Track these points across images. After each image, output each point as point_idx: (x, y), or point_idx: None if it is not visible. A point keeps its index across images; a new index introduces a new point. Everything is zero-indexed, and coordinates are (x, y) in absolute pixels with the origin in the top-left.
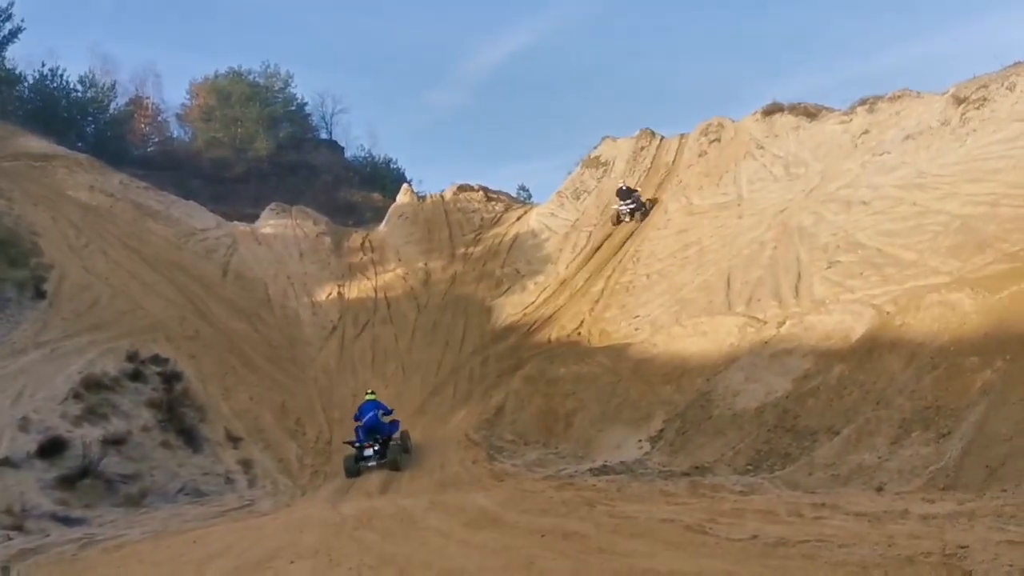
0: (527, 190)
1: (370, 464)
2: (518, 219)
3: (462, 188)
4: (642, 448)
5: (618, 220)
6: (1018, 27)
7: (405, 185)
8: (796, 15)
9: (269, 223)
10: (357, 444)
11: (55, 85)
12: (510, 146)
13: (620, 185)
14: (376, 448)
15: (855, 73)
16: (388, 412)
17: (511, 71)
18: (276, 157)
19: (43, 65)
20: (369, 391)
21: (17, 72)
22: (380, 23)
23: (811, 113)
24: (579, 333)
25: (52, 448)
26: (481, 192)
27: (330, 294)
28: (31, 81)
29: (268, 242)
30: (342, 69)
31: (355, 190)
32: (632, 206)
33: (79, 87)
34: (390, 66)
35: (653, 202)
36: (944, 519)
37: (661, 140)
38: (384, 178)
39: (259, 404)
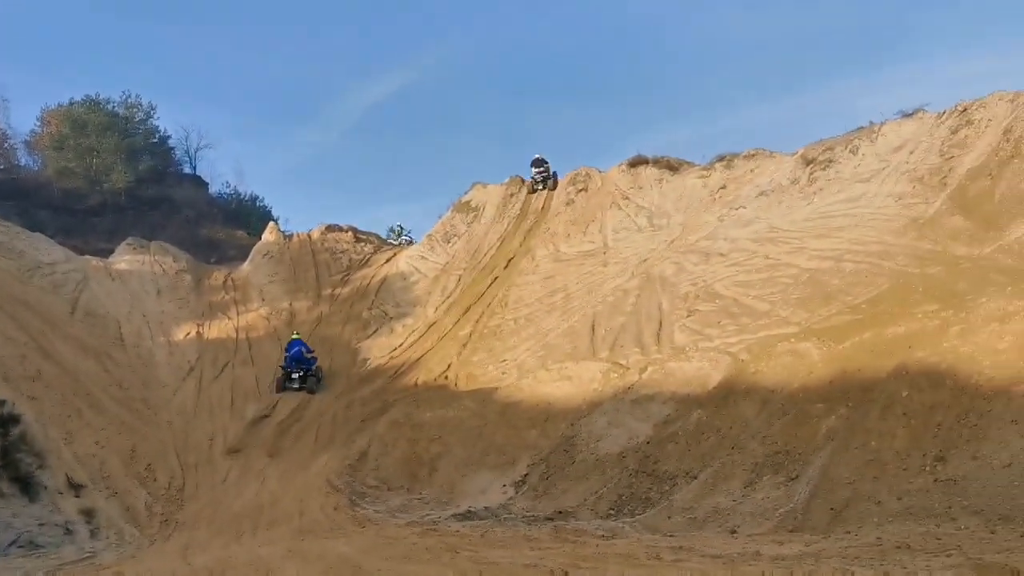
0: (397, 232)
1: (294, 387)
2: (387, 261)
3: (331, 228)
4: (506, 493)
5: (532, 189)
6: (861, 94)
7: (271, 223)
8: (661, 70)
9: (125, 258)
10: (285, 369)
11: None
12: (381, 188)
13: (535, 155)
14: (300, 375)
15: (716, 129)
16: (310, 350)
17: (383, 113)
18: (135, 190)
19: None
20: (295, 332)
21: None
22: (248, 59)
23: (673, 167)
24: (446, 377)
25: None
26: (350, 233)
27: (188, 334)
28: None
29: (123, 278)
30: (209, 103)
31: (219, 227)
32: (544, 175)
33: None
34: (259, 103)
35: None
36: (793, 560)
37: None
38: (250, 216)
39: (106, 449)
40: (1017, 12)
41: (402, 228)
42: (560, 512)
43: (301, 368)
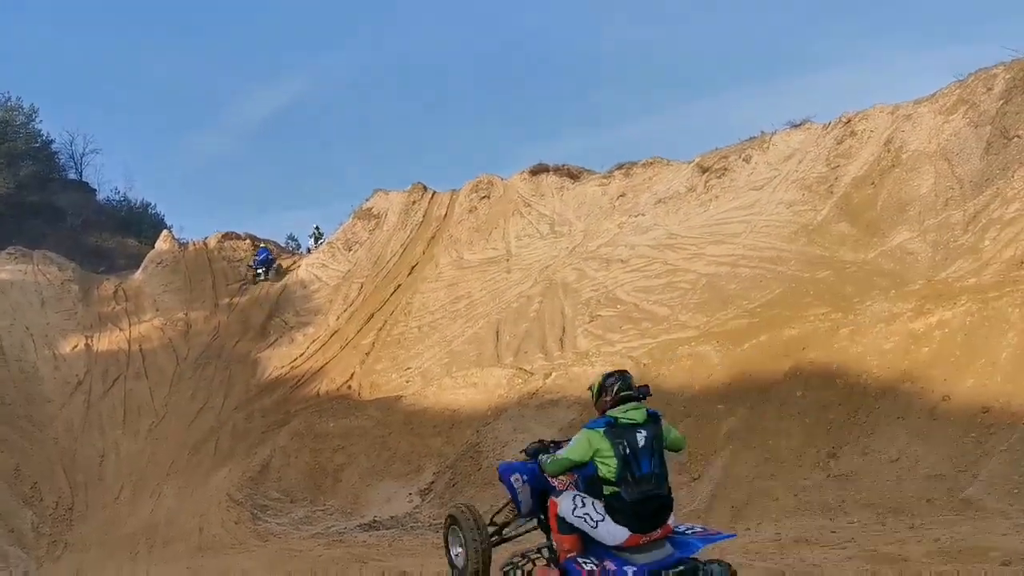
0: (296, 240)
1: (260, 280)
2: (287, 269)
3: (228, 236)
4: (412, 502)
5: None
6: (752, 103)
7: (165, 231)
8: (555, 85)
9: (5, 268)
10: (254, 267)
11: None
12: (279, 195)
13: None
14: (266, 272)
15: (611, 139)
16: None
17: (280, 121)
18: (15, 197)
19: None
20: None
21: None
22: (137, 62)
23: (574, 175)
24: (349, 386)
25: None
26: (248, 240)
27: (76, 346)
28: None
29: (3, 289)
30: (95, 107)
31: (108, 235)
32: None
33: None
34: (149, 107)
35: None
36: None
37: (433, 195)
38: (141, 223)
39: None
40: (897, 26)
41: (319, 230)
42: None
43: (264, 267)
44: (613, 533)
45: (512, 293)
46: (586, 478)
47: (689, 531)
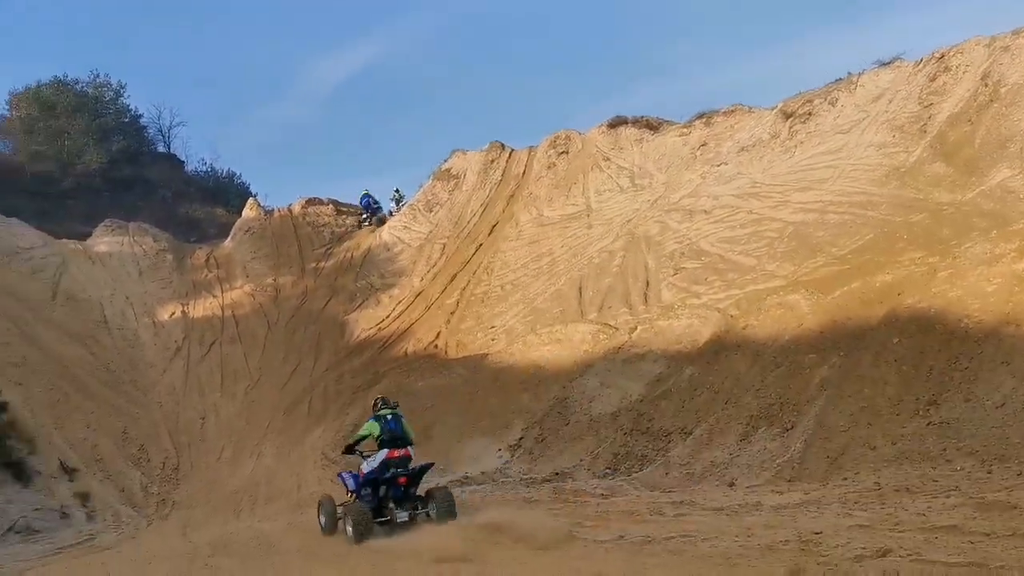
0: (397, 197)
1: (364, 224)
2: (370, 232)
3: (311, 202)
4: (502, 457)
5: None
6: (837, 48)
7: (251, 199)
8: (631, 36)
9: (104, 240)
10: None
11: None
12: (359, 160)
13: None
14: (369, 217)
15: (691, 89)
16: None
17: (356, 86)
18: (109, 172)
19: None
20: (365, 190)
21: None
22: (216, 35)
23: (653, 126)
24: (436, 345)
25: None
26: (331, 206)
27: (173, 313)
28: None
29: (103, 261)
30: (179, 81)
31: (197, 205)
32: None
33: None
34: (229, 79)
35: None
36: (795, 508)
37: (511, 153)
38: (228, 192)
39: (97, 432)
40: None
41: (400, 193)
42: (557, 473)
43: (369, 212)
44: (382, 453)
45: (594, 248)
46: (378, 434)
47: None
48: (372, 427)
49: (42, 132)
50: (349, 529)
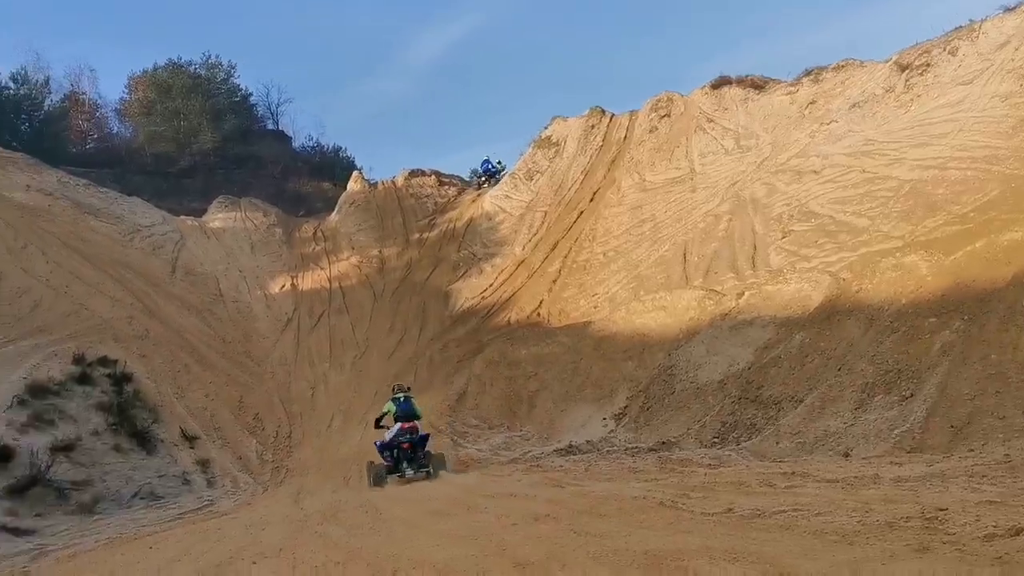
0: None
1: (483, 187)
2: (472, 202)
3: (414, 173)
4: (607, 426)
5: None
6: None
7: (356, 172)
8: None
9: (217, 216)
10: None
11: None
12: (460, 131)
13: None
14: (488, 180)
15: (795, 49)
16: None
17: (455, 58)
18: (222, 150)
19: None
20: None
21: None
22: (317, 12)
23: (758, 85)
24: (538, 314)
25: None
26: (433, 177)
27: (283, 286)
28: None
29: (217, 236)
30: (284, 59)
31: (304, 180)
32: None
33: (11, 84)
34: (332, 55)
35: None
36: (917, 482)
37: (612, 118)
38: (334, 167)
39: (215, 401)
40: None
41: (501, 164)
42: (663, 442)
43: (487, 176)
44: (396, 426)
45: (698, 213)
46: (393, 412)
47: None
48: (390, 407)
49: (159, 114)
50: (369, 480)
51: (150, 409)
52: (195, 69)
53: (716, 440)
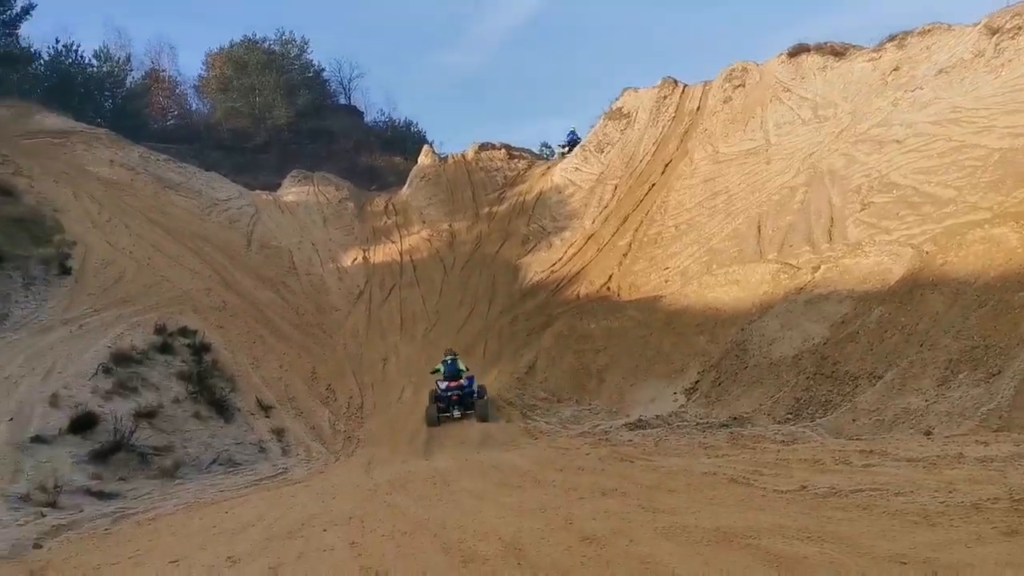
0: (549, 147)
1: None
2: (542, 176)
3: (484, 147)
4: (677, 401)
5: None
6: None
7: (426, 146)
8: None
9: (291, 191)
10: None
11: (70, 61)
12: (530, 104)
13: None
14: (571, 149)
15: (881, 12)
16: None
17: (526, 31)
18: (295, 125)
19: (57, 42)
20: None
21: (32, 50)
22: None
23: (838, 52)
24: (608, 288)
25: (84, 423)
26: (503, 150)
27: (355, 259)
28: (46, 58)
29: (291, 210)
30: (356, 34)
31: (376, 154)
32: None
33: (94, 62)
34: (404, 29)
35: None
36: (1004, 462)
37: (684, 88)
38: (404, 141)
39: (289, 372)
40: None
41: (577, 136)
42: (735, 418)
43: (571, 146)
44: (444, 383)
45: (773, 185)
46: (442, 372)
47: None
48: (440, 367)
49: (236, 90)
50: (426, 420)
51: (227, 378)
52: (269, 45)
53: (790, 416)
